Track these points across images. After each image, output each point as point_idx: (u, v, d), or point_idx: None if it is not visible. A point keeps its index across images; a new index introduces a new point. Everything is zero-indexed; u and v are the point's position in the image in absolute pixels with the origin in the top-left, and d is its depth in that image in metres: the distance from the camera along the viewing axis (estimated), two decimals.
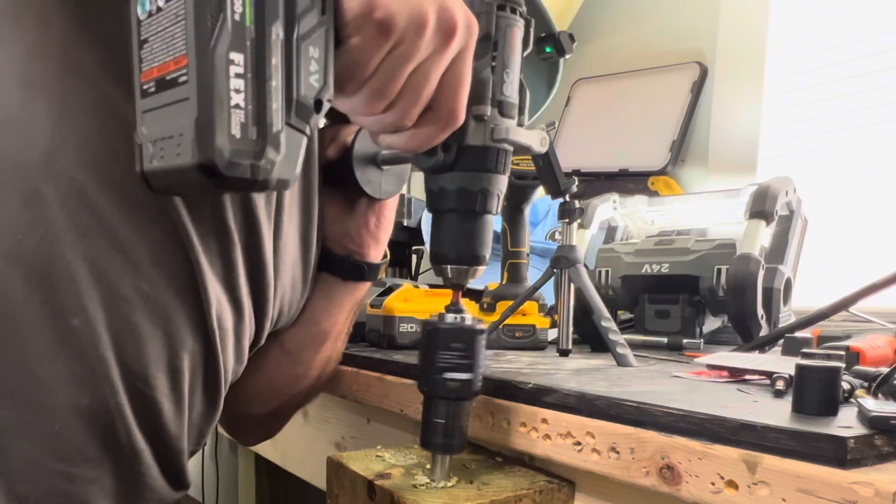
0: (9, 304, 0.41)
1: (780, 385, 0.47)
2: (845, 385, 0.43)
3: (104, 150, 0.42)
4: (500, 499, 0.45)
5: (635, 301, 0.88)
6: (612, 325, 0.67)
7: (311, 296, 0.60)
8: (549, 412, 0.47)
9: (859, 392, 0.44)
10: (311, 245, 0.57)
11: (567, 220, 0.71)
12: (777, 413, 0.39)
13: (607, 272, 0.89)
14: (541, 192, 0.83)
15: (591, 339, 0.82)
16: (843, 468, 0.32)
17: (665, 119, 1.33)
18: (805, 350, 0.55)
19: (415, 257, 1.38)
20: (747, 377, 0.54)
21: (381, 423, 0.73)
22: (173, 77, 0.32)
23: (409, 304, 0.79)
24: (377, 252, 0.62)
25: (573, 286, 0.70)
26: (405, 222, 1.17)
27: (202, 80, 0.31)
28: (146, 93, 0.34)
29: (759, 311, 0.75)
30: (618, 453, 0.42)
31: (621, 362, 0.64)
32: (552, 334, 0.82)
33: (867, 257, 1.12)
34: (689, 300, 0.83)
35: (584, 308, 0.68)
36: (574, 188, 0.69)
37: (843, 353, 0.55)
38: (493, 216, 0.46)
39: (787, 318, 0.81)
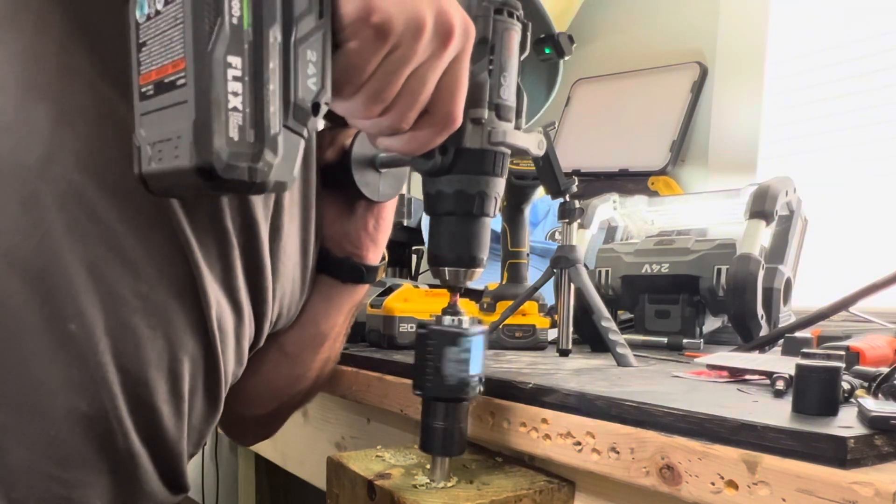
0: (6, 307, 0.41)
1: (780, 385, 0.47)
2: (845, 385, 0.43)
3: (102, 153, 0.42)
4: (500, 499, 0.45)
5: (635, 301, 0.88)
6: (612, 325, 0.67)
7: (309, 297, 0.60)
8: (549, 412, 0.47)
9: (859, 392, 0.44)
10: (310, 247, 0.57)
11: (567, 220, 0.71)
12: (777, 413, 0.39)
13: (607, 272, 0.89)
14: (541, 192, 0.83)
15: (591, 339, 0.82)
16: (843, 468, 0.32)
17: (665, 119, 1.33)
18: (805, 350, 0.55)
19: (415, 257, 1.38)
20: (747, 377, 0.54)
21: (381, 423, 0.73)
22: (171, 80, 0.32)
23: (408, 304, 0.79)
24: (375, 254, 0.62)
25: (573, 286, 0.70)
26: (405, 222, 1.17)
27: (200, 84, 0.31)
28: (145, 95, 0.34)
29: (759, 311, 0.75)
30: (618, 453, 0.42)
31: (621, 362, 0.65)
32: (552, 334, 0.82)
33: (867, 257, 1.12)
34: (689, 300, 0.83)
35: (584, 308, 0.68)
36: (574, 188, 0.69)
37: (843, 353, 0.55)
38: (491, 219, 0.46)
39: (787, 318, 0.81)
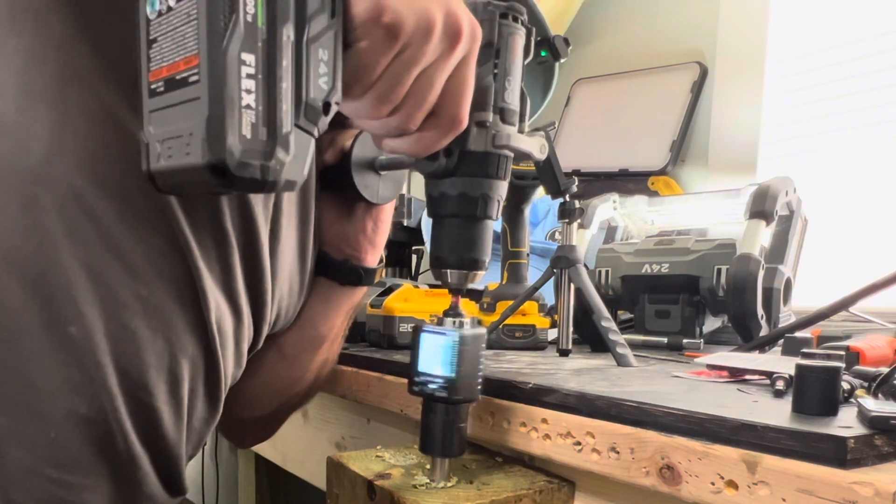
0: (6, 310, 0.40)
1: (780, 385, 0.47)
2: (845, 385, 0.43)
3: (102, 156, 0.42)
4: (500, 499, 0.45)
5: (635, 301, 0.88)
6: (612, 325, 0.67)
7: (308, 299, 0.60)
8: (549, 412, 0.47)
9: (859, 392, 0.44)
10: (309, 249, 0.57)
11: (567, 220, 0.71)
12: (777, 413, 0.39)
13: (607, 272, 0.89)
14: (541, 192, 0.83)
15: (591, 339, 0.82)
16: (843, 468, 0.32)
17: (665, 119, 1.33)
18: (805, 350, 0.54)
19: (415, 257, 1.38)
20: (747, 377, 0.54)
21: (381, 423, 0.73)
22: (183, 77, 0.32)
23: (408, 304, 0.79)
24: (374, 257, 0.62)
25: (573, 286, 0.70)
26: (405, 222, 1.17)
27: (214, 80, 0.31)
28: (154, 92, 0.34)
29: (759, 311, 0.75)
30: (618, 453, 0.42)
31: (621, 362, 0.64)
32: (552, 334, 0.82)
33: (867, 257, 1.12)
34: (689, 300, 0.83)
35: (584, 308, 0.68)
36: (574, 188, 0.69)
37: (843, 353, 0.55)
38: (494, 221, 0.46)
39: (787, 318, 0.81)
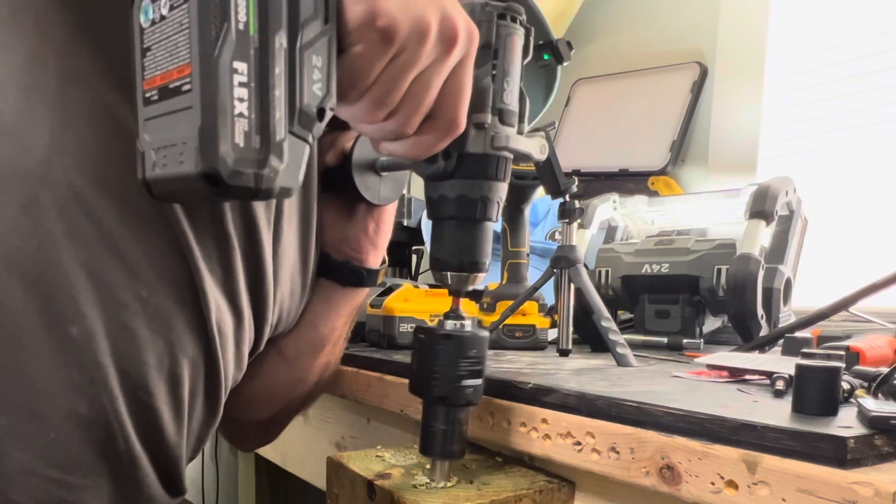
0: (6, 310, 0.40)
1: (780, 385, 0.47)
2: (845, 385, 0.43)
3: (103, 157, 0.42)
4: (500, 499, 0.45)
5: (635, 301, 0.88)
6: (612, 325, 0.67)
7: (309, 301, 0.60)
8: (549, 412, 0.47)
9: (859, 392, 0.44)
10: (310, 251, 0.57)
11: (567, 220, 0.71)
12: (777, 413, 0.39)
13: (607, 272, 0.89)
14: (541, 192, 0.83)
15: (591, 339, 0.82)
16: (843, 468, 0.32)
17: (665, 119, 1.33)
18: (805, 350, 0.55)
19: (415, 257, 1.38)
20: (747, 377, 0.54)
21: (381, 423, 0.73)
22: (177, 85, 0.32)
23: (408, 304, 0.79)
24: (376, 258, 0.62)
25: (573, 286, 0.70)
26: (405, 222, 1.17)
27: (206, 89, 0.31)
28: (149, 101, 0.34)
29: (759, 311, 0.75)
30: (618, 453, 0.42)
31: (621, 362, 0.64)
32: (552, 334, 0.82)
33: (867, 257, 1.12)
34: (689, 300, 0.83)
35: (584, 308, 0.68)
36: (574, 188, 0.69)
37: (843, 353, 0.55)
38: (494, 223, 0.46)
39: (787, 318, 0.81)
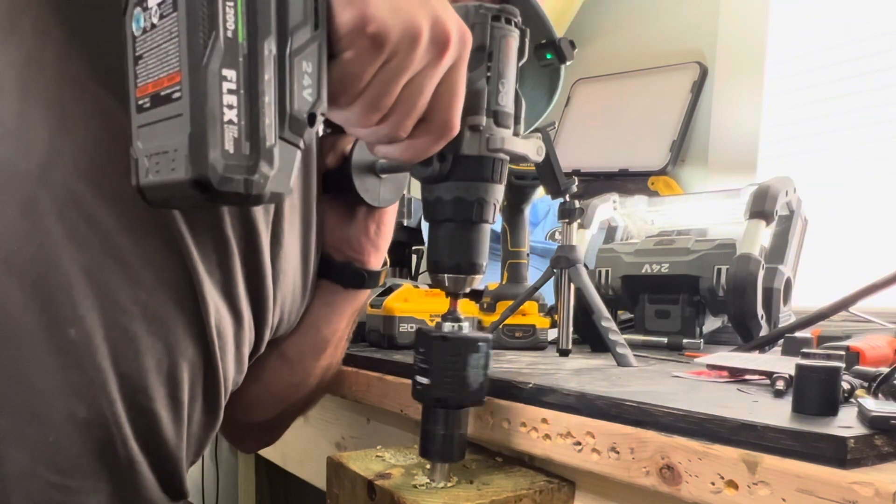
0: (5, 313, 0.40)
1: (780, 385, 0.47)
2: (845, 385, 0.43)
3: (102, 160, 0.42)
4: (500, 499, 0.45)
5: (635, 301, 0.88)
6: (612, 325, 0.67)
7: (310, 303, 0.60)
8: (549, 412, 0.47)
9: (859, 392, 0.44)
10: (311, 253, 0.57)
11: (567, 220, 0.71)
12: (777, 413, 0.39)
13: (607, 272, 0.89)
14: (541, 192, 0.83)
15: (591, 339, 0.82)
16: (843, 468, 0.32)
17: (665, 119, 1.33)
18: (805, 350, 0.55)
19: (415, 257, 1.37)
20: (747, 377, 0.54)
21: (381, 423, 0.73)
22: (167, 93, 0.32)
23: (408, 304, 0.79)
24: (377, 259, 0.62)
25: (573, 286, 0.70)
26: (405, 222, 1.17)
27: (195, 97, 0.31)
28: (141, 108, 0.34)
29: (759, 311, 0.75)
30: (618, 453, 0.42)
31: (621, 362, 0.64)
32: (552, 334, 0.82)
33: (867, 257, 1.12)
34: (689, 300, 0.83)
35: (584, 308, 0.68)
36: (574, 188, 0.69)
37: (843, 353, 0.55)
38: (490, 225, 0.46)
39: (787, 318, 0.81)
